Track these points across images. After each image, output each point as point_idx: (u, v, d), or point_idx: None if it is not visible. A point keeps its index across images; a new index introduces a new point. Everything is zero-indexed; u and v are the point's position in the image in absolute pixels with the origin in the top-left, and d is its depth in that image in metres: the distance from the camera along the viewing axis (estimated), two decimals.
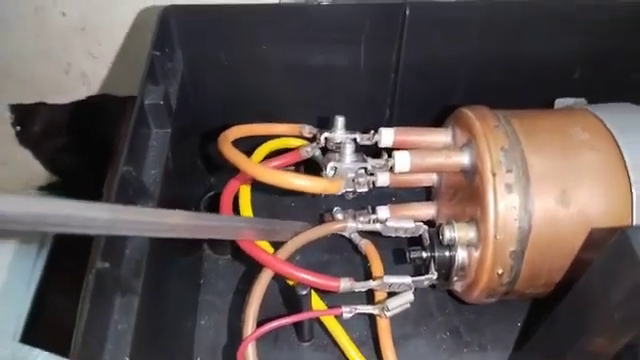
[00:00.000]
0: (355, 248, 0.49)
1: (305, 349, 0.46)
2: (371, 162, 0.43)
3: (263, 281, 0.41)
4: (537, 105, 0.48)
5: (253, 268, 0.48)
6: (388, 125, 0.46)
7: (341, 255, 0.52)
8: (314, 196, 0.55)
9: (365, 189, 0.47)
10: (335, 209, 0.50)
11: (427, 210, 0.49)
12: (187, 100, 0.49)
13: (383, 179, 0.47)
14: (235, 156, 0.39)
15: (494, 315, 0.48)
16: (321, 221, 0.52)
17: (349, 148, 0.42)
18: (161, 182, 0.38)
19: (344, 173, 0.42)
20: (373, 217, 0.48)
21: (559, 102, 0.50)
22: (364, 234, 0.49)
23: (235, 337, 0.45)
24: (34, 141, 0.74)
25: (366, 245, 0.47)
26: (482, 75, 0.52)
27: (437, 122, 0.49)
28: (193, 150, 0.51)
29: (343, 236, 0.50)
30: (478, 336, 0.47)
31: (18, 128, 0.72)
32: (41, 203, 0.25)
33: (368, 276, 0.45)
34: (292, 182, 0.37)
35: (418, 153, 0.42)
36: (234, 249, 0.51)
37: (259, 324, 0.40)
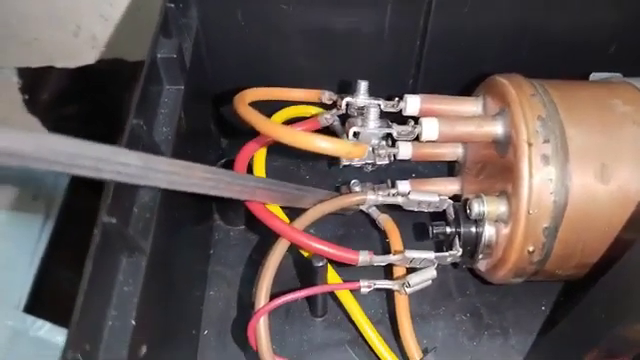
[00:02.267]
0: (373, 223, 0.47)
1: (318, 325, 0.44)
2: (396, 128, 0.40)
3: (278, 251, 0.38)
4: (571, 79, 0.46)
5: (264, 240, 0.46)
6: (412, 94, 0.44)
7: (357, 230, 0.50)
8: (331, 167, 0.53)
9: (386, 161, 0.45)
10: (353, 182, 0.48)
11: (451, 186, 0.46)
12: (201, 59, 0.46)
13: (405, 151, 0.45)
14: (253, 116, 0.36)
15: (517, 297, 0.45)
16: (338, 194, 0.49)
17: (373, 112, 0.40)
18: (173, 141, 0.36)
19: (367, 139, 0.39)
20: (393, 191, 0.46)
21: (594, 76, 0.47)
22: (382, 209, 0.47)
23: (245, 310, 0.43)
24: (42, 109, 0.72)
25: (385, 220, 0.45)
26: (513, 46, 0.49)
27: (464, 93, 0.46)
28: (206, 112, 0.49)
29: (361, 211, 0.48)
30: (499, 319, 0.45)
31: (26, 96, 0.71)
32: (74, 144, 0.24)
33: (386, 252, 0.42)
34: (314, 143, 0.34)
35: (447, 120, 0.39)
36: (247, 219, 0.49)
37: (272, 297, 0.38)
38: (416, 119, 0.41)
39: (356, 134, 0.39)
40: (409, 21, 0.47)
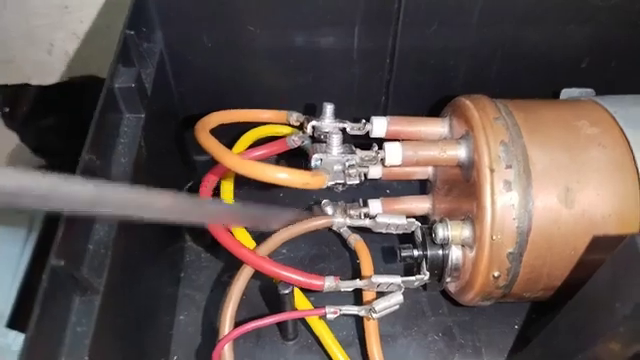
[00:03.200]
0: (345, 242, 0.47)
1: (289, 348, 0.44)
2: (360, 154, 0.40)
3: (242, 279, 0.38)
4: (542, 96, 0.45)
5: (237, 261, 0.46)
6: (382, 115, 0.43)
7: (330, 249, 0.50)
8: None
9: (356, 181, 0.44)
10: (324, 202, 0.47)
11: (421, 204, 0.46)
12: (166, 83, 0.46)
13: (375, 171, 0.44)
14: (211, 145, 0.36)
15: (489, 317, 0.45)
16: (309, 213, 0.49)
17: (336, 139, 0.39)
18: (132, 172, 0.36)
19: (330, 165, 0.39)
20: (364, 211, 0.46)
21: (565, 92, 0.47)
22: (355, 230, 0.46)
23: (215, 334, 0.43)
24: (20, 123, 0.72)
25: (356, 241, 0.45)
26: (483, 63, 0.48)
27: (435, 113, 0.46)
28: (172, 138, 0.48)
29: (333, 230, 0.47)
30: (472, 338, 0.44)
31: (6, 110, 0.70)
32: (17, 176, 0.22)
33: (358, 272, 0.42)
34: (271, 175, 0.34)
35: (411, 145, 0.39)
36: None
37: (239, 323, 0.37)
38: (381, 143, 0.40)
39: (319, 161, 0.39)
40: (377, 42, 0.47)
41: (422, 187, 0.50)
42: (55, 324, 0.28)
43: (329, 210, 0.47)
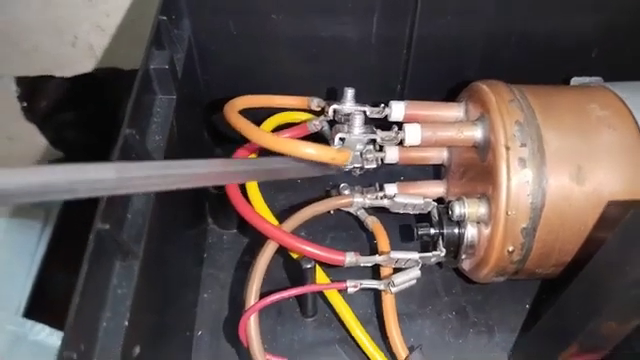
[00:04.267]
0: (361, 225, 0.48)
1: (308, 324, 0.46)
2: (380, 134, 0.41)
3: (267, 253, 0.40)
4: (553, 84, 0.47)
5: (256, 243, 0.47)
6: (399, 100, 0.45)
7: (347, 232, 0.51)
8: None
9: (373, 165, 0.46)
10: (342, 185, 0.49)
11: (436, 188, 0.48)
12: (193, 68, 0.48)
13: (392, 155, 0.46)
14: (242, 124, 0.38)
15: (502, 296, 0.47)
16: (327, 197, 0.51)
17: (358, 119, 0.41)
18: (165, 149, 0.38)
19: (352, 145, 0.41)
20: (381, 194, 0.47)
21: (575, 81, 0.48)
22: (371, 211, 0.48)
23: (238, 311, 0.44)
24: (40, 116, 0.74)
25: (373, 222, 0.46)
26: (497, 51, 0.50)
27: (449, 98, 0.48)
28: (199, 120, 0.50)
29: (349, 213, 0.49)
30: (485, 317, 0.46)
31: (24, 103, 0.72)
32: (42, 172, 0.24)
33: (374, 253, 0.44)
34: (300, 150, 0.35)
35: (429, 126, 0.41)
36: (239, 223, 0.50)
37: (262, 297, 0.39)
38: (401, 125, 0.42)
39: (342, 140, 0.41)
40: (395, 29, 0.49)
41: (436, 174, 0.52)
42: (99, 285, 0.30)
43: (347, 193, 0.49)
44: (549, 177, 0.37)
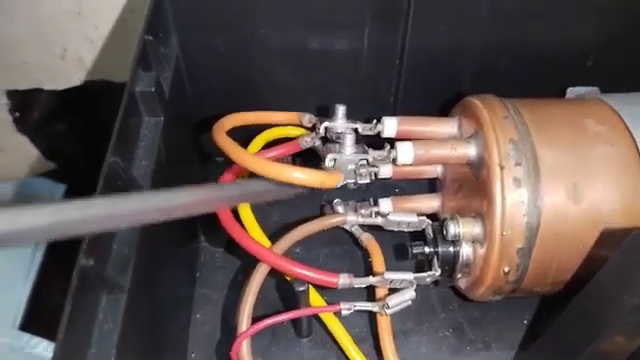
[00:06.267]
0: (356, 241, 0.48)
1: (303, 345, 0.45)
2: (372, 154, 0.41)
3: (259, 276, 0.39)
4: (548, 94, 0.46)
5: (251, 261, 0.47)
6: (392, 114, 0.44)
7: (342, 248, 0.50)
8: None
9: (367, 180, 0.45)
10: (335, 201, 0.49)
11: (431, 203, 0.47)
12: (182, 87, 0.47)
13: (386, 171, 0.45)
14: (228, 146, 0.37)
15: (499, 312, 0.46)
16: (321, 213, 0.50)
17: (349, 139, 0.40)
18: (152, 173, 0.37)
19: (344, 165, 0.40)
20: (375, 210, 0.47)
21: (571, 91, 0.48)
22: (366, 228, 0.47)
23: (231, 332, 0.44)
24: (32, 128, 0.73)
25: (367, 239, 0.46)
26: (490, 63, 0.50)
27: (444, 112, 0.47)
28: (188, 140, 0.49)
29: (344, 229, 0.49)
30: (482, 334, 0.45)
31: (17, 114, 0.71)
32: (34, 213, 0.23)
33: (369, 271, 0.43)
34: (288, 175, 0.35)
35: (422, 144, 0.40)
36: (229, 241, 0.50)
37: (255, 320, 0.38)
38: (393, 141, 0.41)
39: (333, 160, 0.40)
40: (387, 41, 0.48)
41: (431, 186, 0.52)
42: (84, 321, 0.29)
43: (340, 209, 0.48)
44: (544, 196, 0.36)
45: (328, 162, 0.40)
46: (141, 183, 0.36)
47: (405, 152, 0.40)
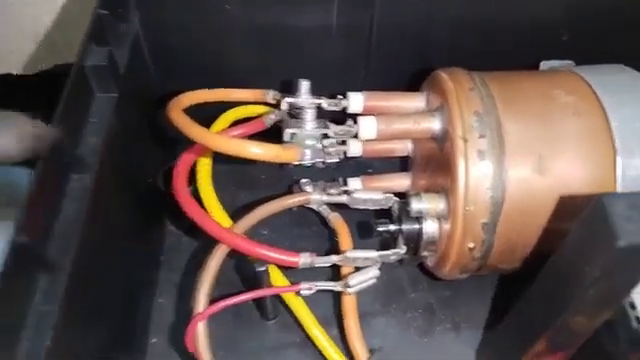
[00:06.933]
0: (325, 221, 0.46)
1: (269, 327, 0.44)
2: (334, 128, 0.39)
3: (217, 257, 0.38)
4: (523, 69, 0.45)
5: (215, 243, 0.46)
6: (365, 89, 0.43)
7: (311, 229, 0.49)
8: (281, 166, 0.52)
9: (336, 159, 0.44)
10: (303, 181, 0.47)
11: (401, 181, 0.46)
12: (143, 64, 0.46)
13: (355, 148, 0.44)
14: (185, 124, 0.36)
15: (469, 292, 0.45)
16: (289, 193, 0.49)
17: (309, 113, 0.39)
18: (102, 152, 0.35)
19: (303, 140, 0.38)
20: (343, 189, 0.45)
21: (544, 64, 0.46)
22: (334, 208, 0.46)
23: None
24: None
25: (335, 218, 0.45)
26: (464, 37, 0.48)
27: (416, 88, 0.45)
28: (148, 117, 0.48)
29: (313, 209, 0.47)
30: (452, 314, 0.44)
31: None
32: None
33: (338, 251, 0.42)
34: (245, 150, 0.33)
35: (384, 118, 0.39)
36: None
37: (213, 302, 0.37)
38: (356, 117, 0.40)
39: (293, 135, 0.38)
40: (356, 16, 0.47)
41: (404, 166, 0.50)
42: (19, 302, 0.28)
43: (308, 189, 0.47)
44: (509, 169, 0.35)
45: (286, 136, 0.38)
46: (88, 161, 0.34)
47: (367, 126, 0.38)
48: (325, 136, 0.39)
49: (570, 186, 0.35)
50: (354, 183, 0.46)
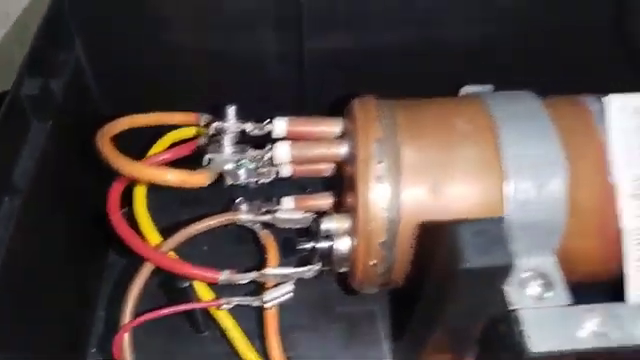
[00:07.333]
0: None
1: (204, 339, 0.47)
2: (251, 153, 0.42)
3: (143, 274, 0.41)
4: (446, 93, 0.48)
5: None
6: (298, 113, 0.45)
7: (249, 246, 0.52)
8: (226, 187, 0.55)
9: (269, 179, 0.47)
10: (238, 200, 0.50)
11: (326, 200, 0.48)
12: (84, 88, 0.49)
13: (286, 169, 0.47)
14: (106, 151, 0.38)
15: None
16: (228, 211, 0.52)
17: (227, 139, 0.42)
18: (34, 176, 0.38)
19: (221, 164, 0.41)
20: (274, 208, 0.48)
21: (464, 90, 0.49)
22: (268, 225, 0.49)
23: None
24: None
25: (265, 236, 0.47)
26: (388, 65, 0.51)
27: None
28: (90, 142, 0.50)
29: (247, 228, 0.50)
30: (375, 327, 0.47)
31: None
32: None
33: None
34: (158, 177, 0.36)
35: (298, 144, 0.42)
36: None
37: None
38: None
39: (210, 160, 0.41)
40: (287, 43, 0.50)
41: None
42: None
43: (243, 208, 0.50)
44: (405, 192, 0.37)
45: (204, 161, 0.41)
46: (18, 184, 0.37)
47: (281, 152, 0.41)
48: (238, 161, 0.42)
49: (461, 209, 0.37)
50: (286, 202, 0.49)
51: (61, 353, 0.42)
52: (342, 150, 0.41)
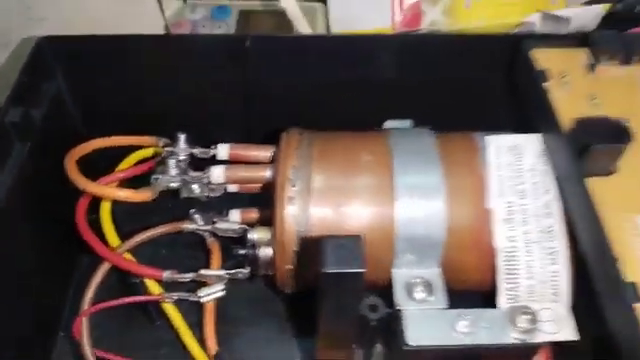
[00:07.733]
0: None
1: (158, 328, 0.55)
2: (192, 174, 0.51)
3: (101, 270, 0.50)
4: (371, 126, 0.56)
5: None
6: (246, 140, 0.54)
7: (200, 251, 0.60)
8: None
9: (218, 194, 0.56)
10: (191, 211, 0.58)
11: (262, 214, 0.57)
12: (64, 113, 0.56)
13: (233, 187, 0.56)
14: (71, 173, 0.47)
15: None
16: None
17: (171, 162, 0.51)
18: (11, 188, 0.46)
19: (165, 183, 0.50)
20: (222, 219, 0.57)
21: (387, 124, 0.57)
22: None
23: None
24: None
25: (211, 242, 0.56)
26: (321, 99, 0.58)
27: None
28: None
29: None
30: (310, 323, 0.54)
31: None
32: None
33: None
34: (110, 194, 0.46)
35: (232, 168, 0.51)
36: None
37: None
38: None
39: (156, 179, 0.50)
40: (237, 83, 0.57)
41: None
42: None
43: (197, 218, 0.58)
44: (312, 211, 0.46)
45: (151, 180, 0.50)
46: None
47: (216, 174, 0.50)
48: (182, 181, 0.51)
49: (359, 226, 0.46)
50: (233, 214, 0.57)
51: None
52: (267, 173, 0.50)
